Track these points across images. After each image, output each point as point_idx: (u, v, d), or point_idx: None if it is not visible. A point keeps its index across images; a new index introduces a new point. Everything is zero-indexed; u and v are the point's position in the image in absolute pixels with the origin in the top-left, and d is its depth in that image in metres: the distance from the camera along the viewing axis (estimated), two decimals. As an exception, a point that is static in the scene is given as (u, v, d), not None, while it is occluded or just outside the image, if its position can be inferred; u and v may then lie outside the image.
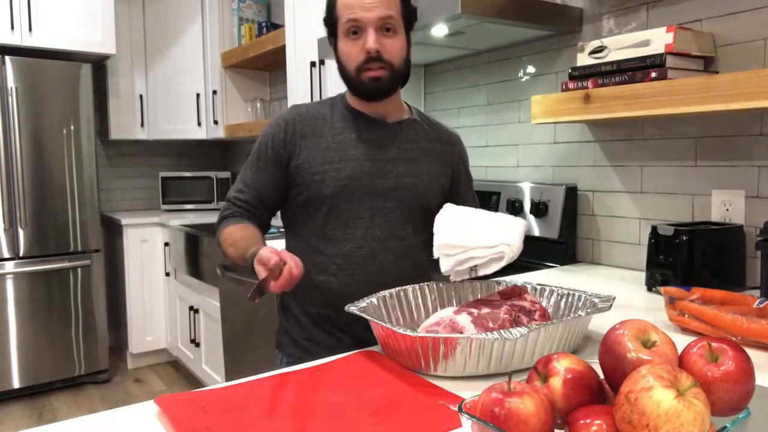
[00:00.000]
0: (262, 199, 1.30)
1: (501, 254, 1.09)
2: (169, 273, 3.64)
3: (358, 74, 1.21)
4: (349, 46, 1.21)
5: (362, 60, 1.19)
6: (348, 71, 1.23)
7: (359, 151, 1.26)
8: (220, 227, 1.30)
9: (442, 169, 1.35)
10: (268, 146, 1.28)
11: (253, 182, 1.29)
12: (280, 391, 0.87)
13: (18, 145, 3.15)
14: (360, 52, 1.19)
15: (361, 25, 1.18)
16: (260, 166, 1.29)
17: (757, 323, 1.01)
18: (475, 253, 1.10)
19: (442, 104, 2.47)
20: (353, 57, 1.20)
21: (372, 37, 1.17)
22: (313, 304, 1.29)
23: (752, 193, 1.49)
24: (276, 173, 1.28)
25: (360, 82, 1.21)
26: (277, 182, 1.28)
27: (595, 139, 1.87)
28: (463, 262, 1.11)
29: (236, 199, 1.31)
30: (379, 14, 1.17)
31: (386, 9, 1.18)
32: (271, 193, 1.29)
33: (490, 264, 1.11)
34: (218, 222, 1.32)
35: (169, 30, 3.80)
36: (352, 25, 1.18)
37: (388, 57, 1.20)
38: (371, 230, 1.25)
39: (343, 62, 1.23)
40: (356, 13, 1.17)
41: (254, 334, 2.48)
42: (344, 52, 1.22)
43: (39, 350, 3.25)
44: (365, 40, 1.18)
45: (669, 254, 1.43)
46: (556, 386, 0.61)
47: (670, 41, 1.41)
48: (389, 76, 1.21)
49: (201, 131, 3.85)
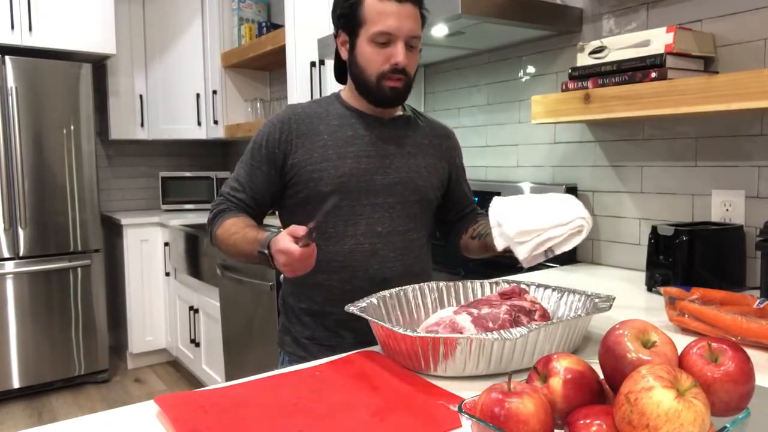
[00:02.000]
0: (256, 197, 1.30)
1: (580, 228, 1.08)
2: (169, 273, 3.64)
3: (379, 81, 1.22)
4: (374, 52, 1.21)
5: (387, 70, 1.21)
6: (366, 75, 1.23)
7: (356, 148, 1.26)
8: (217, 220, 1.28)
9: (440, 162, 1.37)
10: (262, 145, 1.28)
11: (247, 181, 1.29)
12: (280, 391, 0.87)
13: (18, 145, 3.15)
14: (385, 62, 1.21)
15: (392, 38, 1.19)
16: (254, 165, 1.29)
17: (756, 323, 1.01)
18: (553, 233, 1.08)
19: (442, 104, 2.47)
20: (377, 65, 1.21)
21: (402, 52, 1.20)
22: (315, 303, 1.29)
23: (752, 193, 1.49)
24: (271, 172, 1.28)
25: (379, 89, 1.23)
26: (271, 181, 1.28)
27: (595, 139, 1.87)
28: (540, 245, 1.09)
29: (231, 196, 1.30)
30: (411, 32, 1.20)
31: (416, 26, 1.21)
32: (265, 192, 1.29)
33: (570, 240, 1.09)
34: (213, 216, 1.30)
35: (169, 30, 3.80)
36: (383, 36, 1.19)
37: (410, 70, 1.24)
38: (372, 226, 1.26)
39: (362, 65, 1.23)
40: (391, 23, 1.18)
41: (254, 334, 2.48)
42: (367, 56, 1.22)
43: (39, 350, 3.25)
44: (395, 53, 1.20)
45: (669, 254, 1.43)
46: (556, 386, 0.61)
47: (670, 41, 1.41)
48: (405, 86, 1.25)
49: (201, 131, 3.84)
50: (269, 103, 3.69)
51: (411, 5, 1.20)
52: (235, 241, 1.22)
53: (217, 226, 1.27)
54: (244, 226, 1.23)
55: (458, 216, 1.44)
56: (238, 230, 1.22)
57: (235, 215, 1.27)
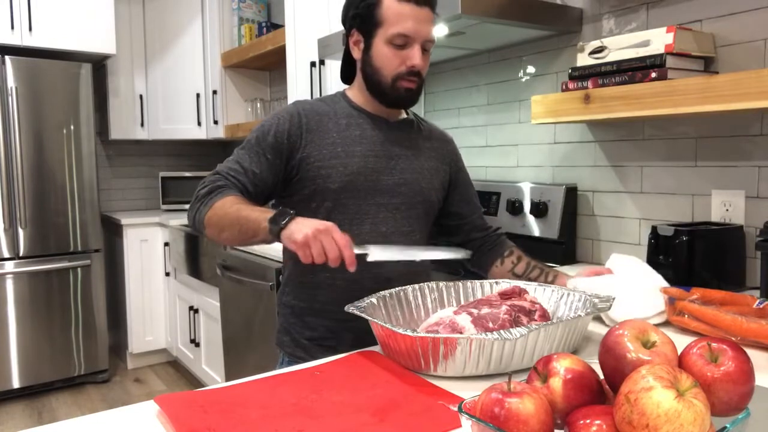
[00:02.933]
0: (257, 184, 1.23)
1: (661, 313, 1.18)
2: (169, 273, 3.64)
3: (394, 82, 1.23)
4: (392, 53, 1.21)
5: (403, 72, 1.22)
6: (382, 76, 1.23)
7: (364, 147, 1.26)
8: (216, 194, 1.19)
9: (441, 165, 1.38)
10: (269, 134, 1.24)
11: (249, 165, 1.23)
12: (280, 391, 0.87)
13: (18, 145, 3.15)
14: (402, 64, 1.22)
15: (410, 41, 1.20)
16: (259, 152, 1.23)
17: (756, 323, 1.01)
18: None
19: (442, 104, 2.47)
20: (394, 66, 1.22)
21: (419, 55, 1.21)
22: (317, 302, 1.28)
23: (752, 193, 1.49)
24: (276, 161, 1.24)
25: (394, 90, 1.24)
26: (275, 171, 1.24)
27: (595, 140, 1.87)
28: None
29: (230, 176, 1.22)
30: (428, 35, 1.22)
31: (432, 29, 1.23)
32: (267, 180, 1.24)
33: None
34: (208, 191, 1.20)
35: (169, 30, 3.80)
36: (402, 38, 1.20)
37: (423, 73, 1.25)
38: (377, 226, 1.26)
39: (378, 66, 1.23)
40: (409, 26, 1.19)
41: (254, 334, 2.48)
42: (384, 57, 1.22)
43: (39, 350, 3.25)
44: (411, 55, 1.21)
45: (669, 254, 1.43)
46: (555, 386, 0.61)
47: (670, 41, 1.41)
48: (418, 88, 1.26)
49: (201, 131, 3.84)
50: (269, 103, 3.69)
51: (428, 9, 1.21)
52: (238, 209, 1.13)
53: (214, 201, 1.17)
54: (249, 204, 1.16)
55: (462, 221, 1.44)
56: (241, 208, 1.13)
57: (236, 194, 1.19)
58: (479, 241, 1.44)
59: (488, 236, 1.45)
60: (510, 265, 1.38)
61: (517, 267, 1.37)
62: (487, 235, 1.45)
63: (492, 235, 1.45)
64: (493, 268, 1.41)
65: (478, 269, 1.46)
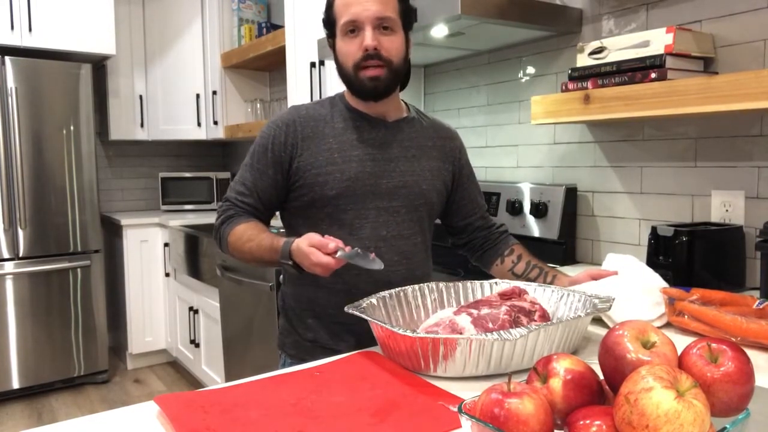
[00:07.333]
0: (264, 201, 1.29)
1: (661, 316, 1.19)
2: (168, 273, 3.64)
3: (357, 72, 1.21)
4: (347, 44, 1.21)
5: (360, 57, 1.20)
6: (346, 70, 1.23)
7: (361, 151, 1.26)
8: (226, 226, 1.28)
9: (443, 164, 1.36)
10: (267, 148, 1.27)
11: (254, 184, 1.28)
12: (280, 391, 0.87)
13: (18, 145, 3.14)
14: (358, 50, 1.20)
15: (358, 24, 1.19)
16: (260, 169, 1.27)
17: (756, 324, 1.01)
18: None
19: (442, 105, 2.47)
20: (351, 55, 1.21)
21: (370, 35, 1.18)
22: (319, 305, 1.28)
23: (752, 193, 1.49)
24: (277, 176, 1.27)
25: (359, 81, 1.22)
26: (277, 185, 1.28)
27: (595, 140, 1.88)
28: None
29: (238, 201, 1.29)
30: (377, 13, 1.18)
31: (384, 8, 1.19)
32: (272, 195, 1.29)
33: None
34: (221, 222, 1.30)
35: (169, 30, 3.80)
36: (350, 24, 1.19)
37: (387, 55, 1.20)
38: (377, 230, 1.25)
39: (342, 61, 1.24)
40: (354, 11, 1.18)
41: (254, 334, 2.48)
42: (342, 50, 1.23)
43: (39, 350, 3.25)
44: (363, 38, 1.19)
45: (669, 255, 1.43)
46: (555, 387, 0.61)
47: (669, 42, 1.41)
48: (387, 74, 1.21)
49: (201, 132, 3.84)
50: (269, 104, 3.69)
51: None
52: (250, 248, 1.22)
53: (228, 233, 1.27)
54: (258, 232, 1.22)
55: (465, 221, 1.43)
56: (251, 237, 1.22)
57: (245, 221, 1.26)
58: (482, 239, 1.44)
59: (491, 234, 1.45)
60: (510, 264, 1.38)
61: (516, 266, 1.37)
62: (490, 232, 1.45)
63: (495, 232, 1.45)
64: (493, 266, 1.41)
65: (481, 267, 1.46)
